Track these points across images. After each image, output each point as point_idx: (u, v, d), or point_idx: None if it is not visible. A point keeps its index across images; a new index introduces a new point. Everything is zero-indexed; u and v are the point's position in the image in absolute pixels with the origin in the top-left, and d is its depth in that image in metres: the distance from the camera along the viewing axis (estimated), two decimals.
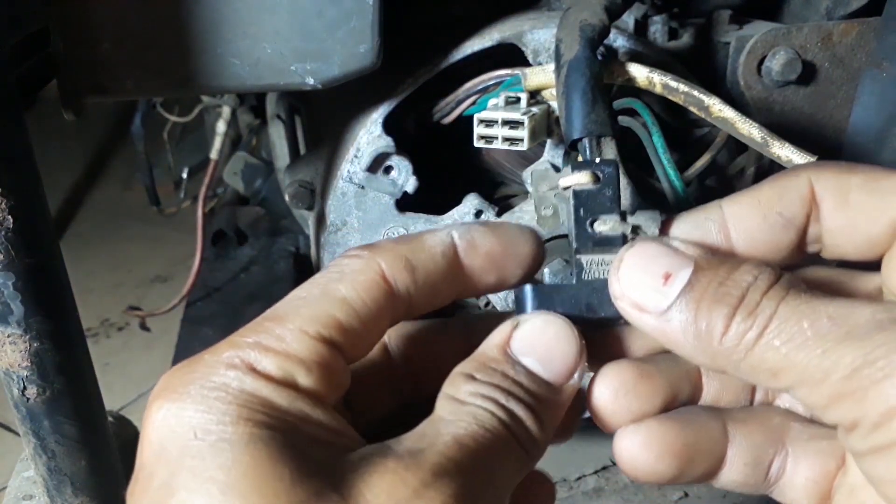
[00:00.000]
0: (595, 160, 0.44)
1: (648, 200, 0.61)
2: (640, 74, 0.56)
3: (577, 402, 0.39)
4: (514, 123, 0.55)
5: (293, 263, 1.30)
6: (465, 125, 0.61)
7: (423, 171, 0.68)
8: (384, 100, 0.66)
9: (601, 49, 0.57)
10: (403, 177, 0.68)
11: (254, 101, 1.63)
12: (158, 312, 1.49)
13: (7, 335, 0.49)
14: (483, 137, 0.57)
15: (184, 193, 2.34)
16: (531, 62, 0.66)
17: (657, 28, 0.72)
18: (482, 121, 0.57)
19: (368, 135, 0.67)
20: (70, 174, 2.98)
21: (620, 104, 0.59)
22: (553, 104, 0.58)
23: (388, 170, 0.68)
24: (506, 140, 0.56)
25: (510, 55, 0.65)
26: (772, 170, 0.69)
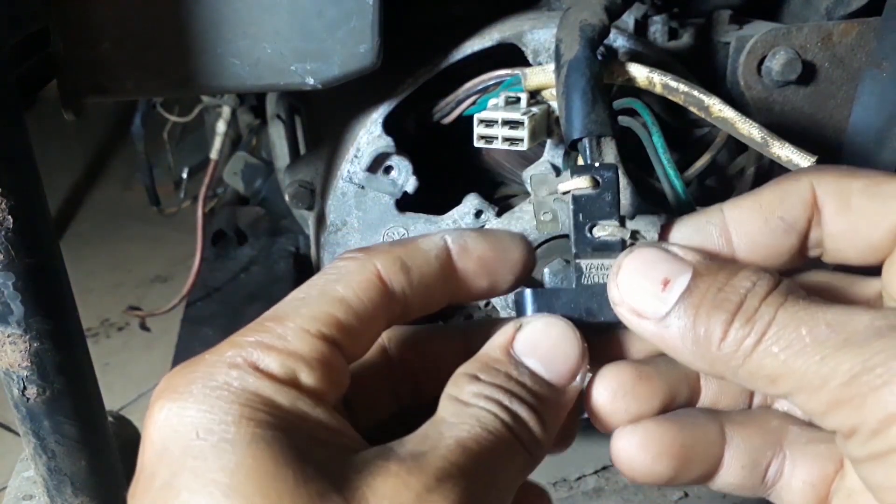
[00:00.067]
0: (594, 164, 0.44)
1: (648, 200, 0.61)
2: (640, 74, 0.56)
3: (577, 404, 0.39)
4: (514, 123, 0.55)
5: (293, 263, 1.30)
6: (465, 125, 0.60)
7: (423, 171, 0.68)
8: (384, 100, 0.66)
9: (601, 49, 0.56)
10: (403, 177, 0.68)
11: (254, 101, 1.63)
12: (158, 312, 1.49)
13: (7, 335, 0.49)
14: (483, 137, 0.57)
15: (184, 193, 2.34)
16: (531, 62, 0.66)
17: (657, 28, 0.72)
18: (482, 121, 0.57)
19: (368, 135, 0.67)
20: (70, 174, 2.98)
21: (620, 104, 0.59)
22: (553, 104, 0.58)
23: (388, 170, 0.68)
24: (506, 140, 0.56)
25: (510, 55, 0.65)
26: (772, 170, 0.69)
